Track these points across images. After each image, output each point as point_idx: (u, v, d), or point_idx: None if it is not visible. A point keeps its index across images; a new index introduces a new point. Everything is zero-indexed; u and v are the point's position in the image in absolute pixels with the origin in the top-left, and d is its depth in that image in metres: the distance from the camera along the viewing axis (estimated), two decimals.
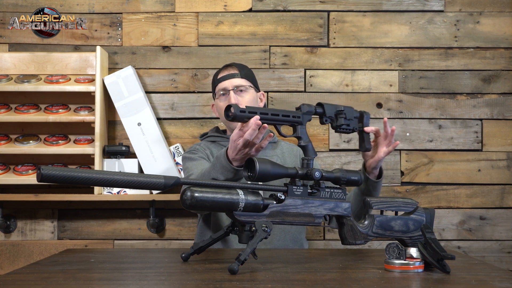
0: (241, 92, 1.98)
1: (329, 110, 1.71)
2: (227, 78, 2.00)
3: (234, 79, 1.99)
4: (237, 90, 1.98)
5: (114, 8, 2.62)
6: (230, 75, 2.00)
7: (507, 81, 2.62)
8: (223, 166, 1.64)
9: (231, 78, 2.00)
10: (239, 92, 1.98)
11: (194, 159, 1.96)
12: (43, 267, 1.38)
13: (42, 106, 2.53)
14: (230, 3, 2.62)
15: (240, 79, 2.00)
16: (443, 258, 1.30)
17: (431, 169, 2.60)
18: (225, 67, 2.05)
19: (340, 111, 1.72)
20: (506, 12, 2.63)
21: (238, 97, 1.96)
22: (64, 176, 1.14)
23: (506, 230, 2.59)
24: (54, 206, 2.58)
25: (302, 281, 1.21)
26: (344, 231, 1.46)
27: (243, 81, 2.00)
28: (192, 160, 1.96)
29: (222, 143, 2.04)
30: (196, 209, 1.29)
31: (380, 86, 2.61)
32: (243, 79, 2.00)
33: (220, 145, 2.03)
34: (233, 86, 1.98)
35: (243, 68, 2.05)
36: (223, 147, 2.01)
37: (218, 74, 2.06)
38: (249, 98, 1.98)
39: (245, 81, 2.00)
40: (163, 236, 2.59)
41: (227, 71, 2.02)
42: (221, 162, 1.65)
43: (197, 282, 1.20)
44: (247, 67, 2.09)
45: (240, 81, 1.99)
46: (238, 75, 2.00)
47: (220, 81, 2.01)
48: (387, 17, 2.63)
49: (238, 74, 2.00)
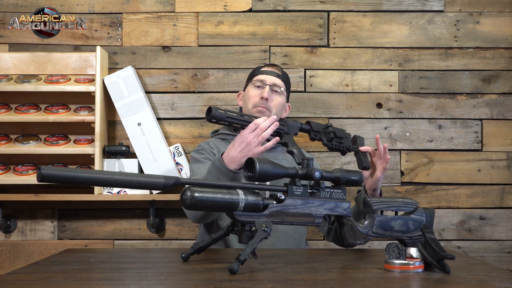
0: (276, 93, 2.01)
1: (317, 126, 1.81)
2: (270, 74, 2.04)
3: (275, 77, 2.03)
4: (273, 88, 2.01)
5: (114, 8, 2.62)
6: (273, 73, 2.05)
7: (507, 81, 2.62)
8: (219, 169, 1.65)
9: (273, 75, 2.04)
10: (274, 92, 2.01)
11: (199, 161, 1.96)
12: (43, 267, 1.38)
13: (42, 106, 2.53)
14: (230, 3, 2.62)
15: (280, 80, 2.04)
16: (443, 258, 1.30)
17: (431, 169, 2.60)
18: (272, 65, 2.11)
19: (327, 126, 1.80)
20: (506, 12, 2.63)
21: (272, 94, 1.99)
22: (64, 176, 1.14)
23: (506, 230, 2.60)
24: (54, 206, 2.58)
25: (302, 281, 1.21)
26: (344, 231, 1.46)
27: (281, 83, 2.04)
28: (198, 162, 1.95)
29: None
30: (196, 209, 1.29)
31: (380, 86, 2.61)
32: (282, 82, 2.05)
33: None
34: (272, 82, 2.01)
35: (285, 74, 2.10)
36: None
37: (261, 67, 2.11)
38: (279, 101, 2.02)
39: (283, 84, 2.05)
40: (163, 236, 2.59)
41: (272, 69, 2.07)
42: (217, 166, 1.65)
43: (197, 282, 1.20)
44: (287, 75, 2.13)
45: (280, 82, 2.04)
46: (280, 77, 2.05)
47: (262, 73, 2.05)
48: (387, 17, 2.63)
49: (280, 75, 2.05)
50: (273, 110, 1.97)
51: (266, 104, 1.96)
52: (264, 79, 2.02)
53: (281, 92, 2.01)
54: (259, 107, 1.96)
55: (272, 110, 1.97)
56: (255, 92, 1.99)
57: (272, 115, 1.73)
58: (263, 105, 1.95)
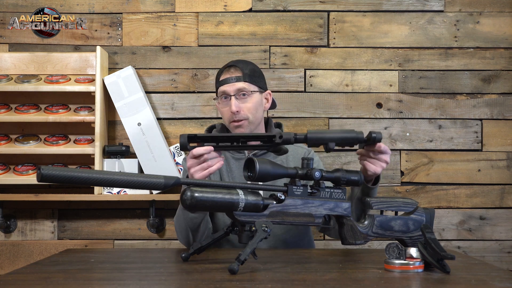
0: (244, 97, 1.87)
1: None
2: (229, 82, 1.88)
3: (236, 83, 1.87)
4: (239, 94, 1.87)
5: (114, 8, 2.62)
6: (232, 78, 1.87)
7: (507, 81, 2.62)
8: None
9: (233, 81, 1.88)
10: (242, 97, 1.87)
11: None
12: (43, 267, 1.38)
13: (42, 106, 2.53)
14: (230, 3, 2.62)
15: (242, 83, 1.87)
16: (443, 258, 1.30)
17: (431, 169, 2.60)
18: (227, 68, 1.91)
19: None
20: (506, 12, 2.63)
21: (240, 103, 1.86)
22: (64, 176, 1.14)
23: (506, 230, 2.60)
24: (54, 206, 2.58)
25: (302, 281, 1.21)
26: (344, 231, 1.46)
27: (246, 85, 1.87)
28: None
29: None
30: (196, 209, 1.29)
31: (380, 86, 2.61)
32: (246, 82, 1.87)
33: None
34: (235, 91, 1.86)
35: (247, 67, 1.91)
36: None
37: (220, 75, 1.92)
38: (252, 104, 1.87)
39: (248, 85, 1.87)
40: (163, 236, 2.59)
41: (229, 74, 1.89)
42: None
43: (197, 282, 1.20)
44: (252, 64, 1.95)
45: (243, 84, 1.87)
46: (241, 78, 1.87)
47: (221, 84, 1.89)
48: (387, 17, 2.63)
49: (241, 77, 1.87)
50: (249, 116, 1.87)
51: (239, 116, 1.85)
52: (226, 89, 1.87)
53: (249, 94, 1.88)
54: (234, 123, 1.87)
55: (248, 117, 1.86)
56: (225, 108, 1.89)
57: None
58: (236, 118, 1.86)
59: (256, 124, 1.91)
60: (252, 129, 1.89)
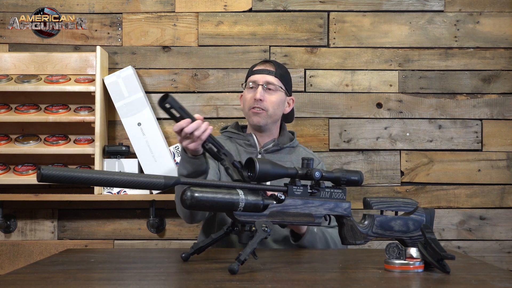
0: (270, 91, 1.96)
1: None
2: (261, 73, 1.98)
3: (267, 75, 1.97)
4: (267, 87, 1.96)
5: (114, 8, 2.62)
6: (265, 71, 1.98)
7: (507, 81, 2.62)
8: (182, 158, 1.67)
9: (265, 73, 1.98)
10: (268, 90, 1.96)
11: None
12: (43, 267, 1.38)
13: (42, 106, 2.53)
14: (230, 3, 2.62)
15: (273, 77, 1.97)
16: (443, 258, 1.30)
17: (431, 169, 2.60)
18: (263, 62, 2.04)
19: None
20: (506, 12, 2.63)
21: (266, 94, 1.95)
22: (64, 176, 1.14)
23: (506, 230, 2.60)
24: (54, 206, 2.58)
25: (302, 281, 1.21)
26: (344, 231, 1.46)
27: (275, 80, 1.97)
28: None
29: (238, 140, 2.01)
30: (196, 209, 1.29)
31: (380, 86, 2.61)
32: (276, 78, 1.98)
33: (236, 142, 2.02)
34: (264, 81, 1.96)
35: (281, 68, 2.02)
36: (238, 144, 2.00)
37: (254, 66, 2.04)
38: (276, 98, 1.97)
39: (277, 81, 1.98)
40: (163, 236, 2.59)
41: (264, 66, 2.00)
42: (182, 154, 1.67)
43: (197, 282, 1.20)
44: (285, 68, 2.05)
45: (273, 79, 1.97)
46: (273, 73, 1.98)
47: (253, 73, 2.00)
48: (387, 17, 2.63)
49: (273, 72, 1.98)
50: (269, 109, 1.95)
51: (261, 104, 1.94)
52: (257, 79, 1.98)
53: (275, 89, 1.97)
54: (254, 109, 1.95)
55: (268, 109, 1.94)
56: (249, 94, 1.98)
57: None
58: (257, 105, 1.95)
59: (273, 121, 1.98)
60: (268, 122, 1.96)
